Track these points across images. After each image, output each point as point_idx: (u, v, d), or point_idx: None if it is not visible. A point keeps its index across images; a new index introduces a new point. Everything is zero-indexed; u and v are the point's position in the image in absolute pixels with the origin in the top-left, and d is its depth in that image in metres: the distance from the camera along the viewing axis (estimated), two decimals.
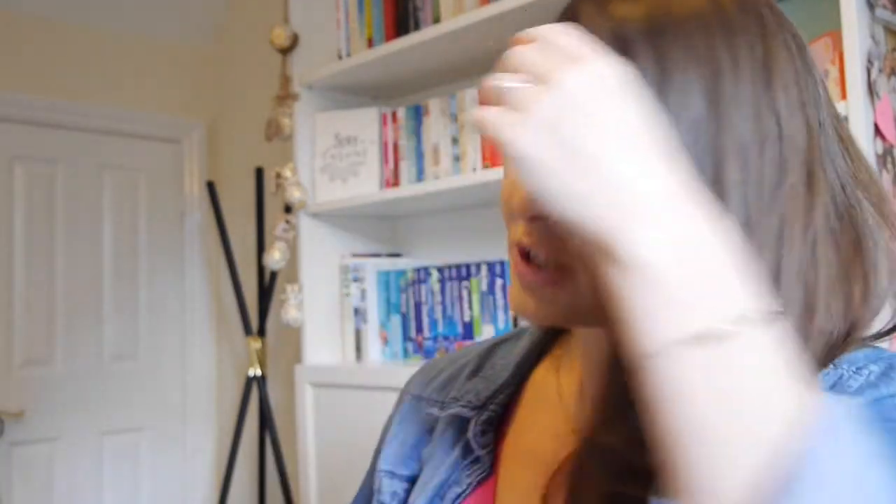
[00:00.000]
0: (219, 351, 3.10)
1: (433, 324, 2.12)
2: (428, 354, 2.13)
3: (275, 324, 2.67)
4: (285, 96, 2.31)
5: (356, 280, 2.23)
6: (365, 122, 2.23)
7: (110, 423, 2.84)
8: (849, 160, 0.55)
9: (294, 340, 2.49)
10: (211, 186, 2.81)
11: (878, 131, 1.27)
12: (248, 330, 2.68)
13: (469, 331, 2.05)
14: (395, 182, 2.17)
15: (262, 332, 2.68)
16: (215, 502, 2.82)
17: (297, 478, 2.30)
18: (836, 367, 0.52)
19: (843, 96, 1.30)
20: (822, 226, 0.52)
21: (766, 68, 0.50)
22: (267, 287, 2.65)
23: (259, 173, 2.72)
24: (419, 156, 2.13)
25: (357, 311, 2.23)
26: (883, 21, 1.31)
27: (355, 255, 2.31)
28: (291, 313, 2.22)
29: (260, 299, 2.68)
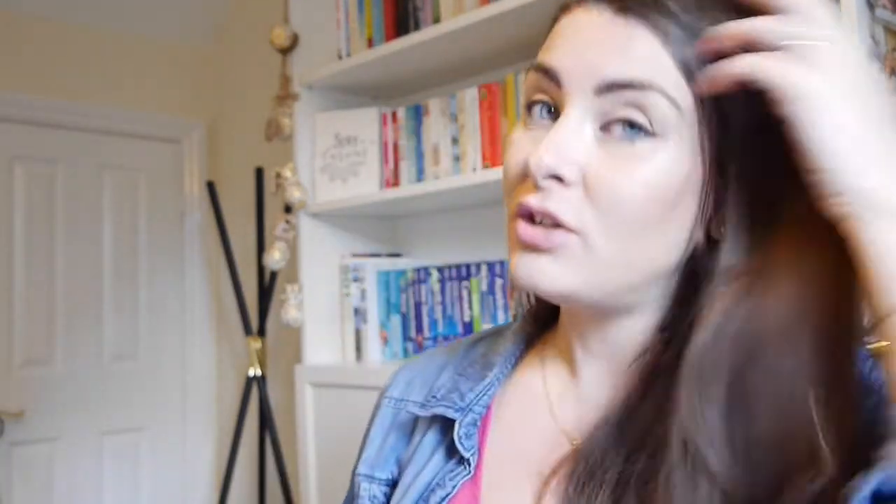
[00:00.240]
0: (219, 351, 3.10)
1: (433, 324, 2.12)
2: None
3: (275, 324, 2.67)
4: (285, 96, 2.31)
5: (356, 280, 2.23)
6: (365, 122, 2.23)
7: (110, 423, 2.84)
8: None
9: (294, 340, 2.49)
10: (211, 186, 2.81)
11: None
12: (248, 330, 2.68)
13: (469, 331, 2.05)
14: (395, 182, 2.17)
15: (262, 332, 2.68)
16: (215, 502, 2.82)
17: (297, 478, 2.30)
18: None
19: None
20: None
21: None
22: (267, 287, 2.65)
23: (259, 173, 2.72)
24: (419, 156, 2.13)
25: (357, 311, 2.23)
26: (883, 21, 1.31)
27: (355, 255, 2.31)
28: (291, 313, 2.22)
29: (260, 299, 2.68)
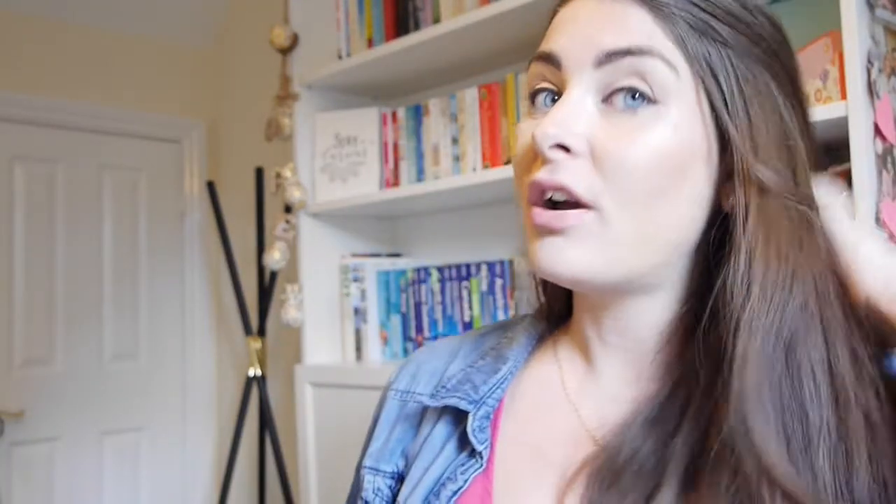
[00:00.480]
0: (219, 351, 3.10)
1: (433, 324, 2.12)
2: None
3: (275, 324, 2.67)
4: (285, 96, 2.31)
5: (356, 280, 2.23)
6: (365, 122, 2.23)
7: (110, 423, 2.84)
8: None
9: (294, 340, 2.49)
10: (211, 186, 2.81)
11: (878, 131, 1.27)
12: (248, 330, 2.68)
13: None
14: (395, 182, 2.17)
15: (262, 332, 2.68)
16: (215, 502, 2.82)
17: (297, 478, 2.30)
18: None
19: (843, 96, 1.30)
20: None
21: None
22: (267, 287, 2.65)
23: (259, 173, 2.72)
24: (419, 156, 2.13)
25: (357, 311, 2.23)
26: (883, 21, 1.31)
27: (355, 255, 2.31)
28: (291, 313, 2.22)
29: (260, 299, 2.68)
